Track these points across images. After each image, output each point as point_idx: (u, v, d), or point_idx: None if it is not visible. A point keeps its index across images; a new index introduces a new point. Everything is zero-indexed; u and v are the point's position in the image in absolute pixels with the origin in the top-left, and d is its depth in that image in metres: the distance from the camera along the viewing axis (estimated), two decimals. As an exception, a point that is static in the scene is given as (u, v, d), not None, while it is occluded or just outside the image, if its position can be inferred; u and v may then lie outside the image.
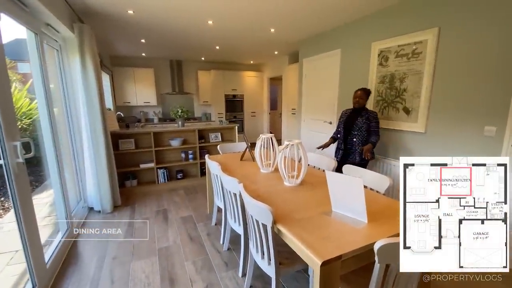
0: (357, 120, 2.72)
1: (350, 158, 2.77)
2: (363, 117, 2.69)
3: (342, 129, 2.83)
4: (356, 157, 2.71)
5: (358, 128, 2.70)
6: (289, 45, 4.84)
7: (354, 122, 2.73)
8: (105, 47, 4.84)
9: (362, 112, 2.72)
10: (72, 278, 1.94)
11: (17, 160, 1.55)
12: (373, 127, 2.66)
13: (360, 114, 2.72)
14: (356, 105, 2.74)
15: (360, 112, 2.73)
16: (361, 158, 2.68)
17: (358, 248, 1.11)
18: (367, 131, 2.67)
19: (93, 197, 3.07)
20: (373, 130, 2.66)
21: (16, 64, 8.19)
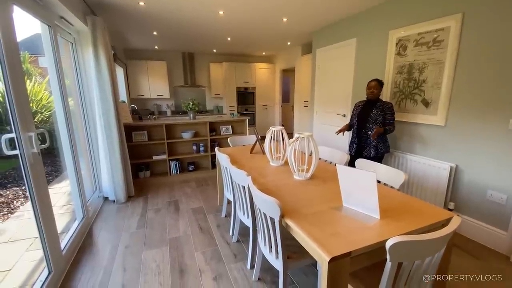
0: (371, 112, 2.60)
1: (365, 152, 2.66)
2: (377, 108, 2.57)
3: (356, 122, 2.72)
4: (371, 151, 2.61)
5: (373, 121, 2.58)
6: (302, 35, 4.71)
7: (369, 114, 2.61)
8: (119, 40, 4.90)
9: (377, 103, 2.60)
10: (87, 266, 2.01)
11: (32, 151, 1.60)
12: (388, 119, 2.55)
13: (374, 106, 2.60)
14: (370, 95, 2.62)
15: (375, 104, 2.61)
16: (376, 152, 2.59)
17: (369, 245, 1.07)
18: (383, 124, 2.56)
19: (108, 187, 3.16)
20: (388, 122, 2.56)
21: (36, 58, 8.46)
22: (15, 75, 1.50)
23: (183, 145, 4.20)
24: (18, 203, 3.32)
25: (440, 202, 2.49)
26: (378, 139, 2.59)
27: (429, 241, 0.97)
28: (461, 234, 2.41)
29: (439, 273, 1.28)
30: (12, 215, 3.03)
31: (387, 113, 2.56)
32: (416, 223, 1.24)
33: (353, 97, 3.62)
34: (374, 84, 2.59)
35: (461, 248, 2.19)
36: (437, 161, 2.53)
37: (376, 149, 2.59)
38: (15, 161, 4.23)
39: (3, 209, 3.13)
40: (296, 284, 1.78)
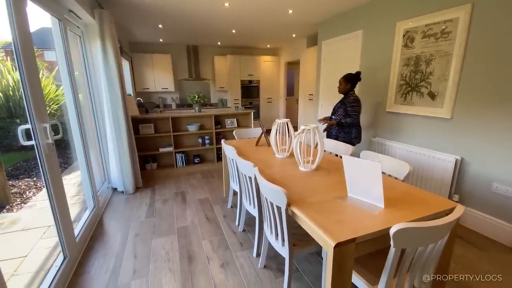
0: (336, 105, 2.95)
1: None
2: (341, 102, 2.87)
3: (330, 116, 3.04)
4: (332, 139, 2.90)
5: (335, 112, 2.93)
6: (307, 27, 4.67)
7: (335, 107, 2.97)
8: (124, 33, 4.92)
9: (344, 98, 2.86)
10: (99, 252, 2.09)
11: (47, 141, 1.66)
12: (349, 111, 2.78)
13: (341, 100, 2.90)
14: (340, 91, 2.90)
15: (343, 98, 2.88)
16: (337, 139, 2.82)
17: (373, 232, 1.10)
18: (344, 115, 2.80)
19: (117, 178, 3.24)
20: (348, 113, 2.78)
21: (43, 52, 8.55)
22: (30, 68, 1.55)
23: (188, 137, 4.26)
24: (30, 194, 3.42)
25: (444, 195, 2.51)
26: (339, 130, 2.89)
27: (433, 228, 1.00)
28: (465, 226, 2.43)
29: (441, 261, 1.31)
30: (25, 205, 3.13)
31: (347, 106, 2.77)
32: (420, 212, 1.27)
33: (360, 90, 3.60)
34: (341, 80, 2.85)
35: (465, 239, 2.22)
36: (442, 154, 2.54)
37: (336, 139, 2.84)
38: (26, 153, 4.35)
39: (17, 199, 3.23)
40: (300, 272, 1.83)
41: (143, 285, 1.74)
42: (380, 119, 3.31)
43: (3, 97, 4.64)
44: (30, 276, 1.86)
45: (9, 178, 3.70)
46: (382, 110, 3.24)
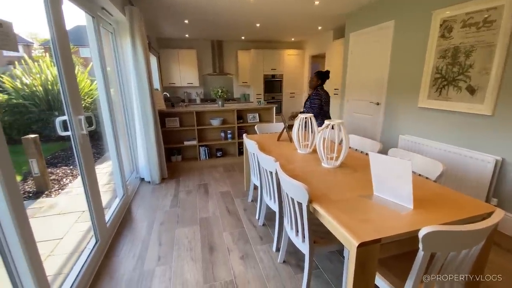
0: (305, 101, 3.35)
1: None
2: (309, 97, 3.26)
3: None
4: None
5: (304, 105, 3.37)
6: (334, 18, 4.50)
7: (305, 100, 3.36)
8: (153, 29, 5.09)
9: (311, 94, 3.26)
10: (127, 238, 2.22)
11: (82, 132, 1.77)
12: (311, 103, 3.18)
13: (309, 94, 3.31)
14: (309, 86, 3.32)
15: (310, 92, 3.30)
16: None
17: (400, 234, 1.05)
18: (311, 108, 3.21)
19: (144, 169, 3.40)
20: (311, 106, 3.19)
21: (78, 49, 9.08)
22: (66, 64, 1.65)
23: (211, 131, 4.33)
24: (67, 181, 3.71)
25: (481, 198, 2.32)
26: None
27: (467, 232, 0.93)
28: (503, 232, 2.24)
29: (475, 268, 1.22)
30: (62, 191, 3.41)
31: (311, 99, 3.20)
32: (453, 215, 1.18)
33: (389, 84, 3.42)
34: (313, 76, 3.24)
35: (503, 247, 2.05)
36: (481, 154, 2.34)
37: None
38: (63, 143, 4.69)
39: (55, 185, 3.52)
40: (320, 269, 1.81)
41: (166, 271, 1.82)
42: (410, 115, 3.12)
43: (43, 91, 5.04)
44: (65, 257, 2.02)
45: (48, 166, 4.04)
46: (413, 106, 3.05)
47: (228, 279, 1.74)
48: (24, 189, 3.31)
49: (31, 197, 3.16)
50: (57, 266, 1.92)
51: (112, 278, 1.76)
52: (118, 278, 1.76)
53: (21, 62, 4.92)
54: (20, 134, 4.17)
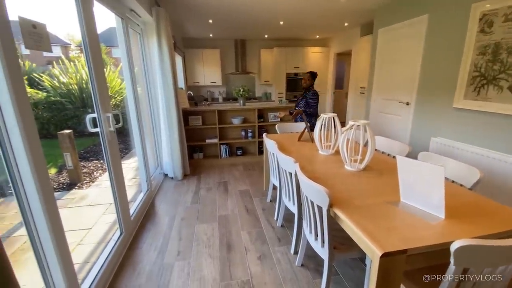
0: (299, 98, 3.44)
1: None
2: (303, 95, 3.36)
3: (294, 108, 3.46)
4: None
5: (296, 104, 3.44)
6: (362, 14, 4.31)
7: (298, 99, 3.46)
8: (178, 29, 5.22)
9: (305, 91, 3.37)
10: (150, 231, 2.30)
11: (109, 129, 1.86)
12: (310, 103, 3.31)
13: (303, 93, 3.39)
14: (304, 85, 3.38)
15: (304, 92, 3.39)
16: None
17: (430, 245, 0.97)
18: (305, 106, 3.31)
19: (168, 165, 3.51)
20: (310, 104, 3.30)
21: (110, 49, 9.55)
22: (96, 64, 1.74)
23: (232, 130, 4.36)
24: (97, 174, 3.94)
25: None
26: (299, 119, 3.36)
27: (506, 248, 0.83)
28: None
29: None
30: (93, 184, 3.62)
31: (308, 98, 3.29)
32: (490, 227, 1.07)
33: (421, 83, 3.21)
34: (307, 76, 3.35)
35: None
36: (526, 160, 2.11)
37: None
38: (95, 139, 4.98)
39: (86, 178, 3.76)
40: (340, 276, 1.74)
41: (185, 266, 1.85)
42: (444, 116, 2.90)
43: (78, 89, 5.38)
44: (93, 246, 2.14)
45: (81, 159, 4.32)
46: (447, 106, 2.83)
47: (244, 278, 1.73)
48: (59, 180, 3.57)
49: (65, 188, 3.40)
50: (85, 255, 2.05)
51: (135, 269, 1.83)
52: (140, 270, 1.83)
53: (59, 62, 5.29)
54: (57, 129, 4.50)
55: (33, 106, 5.11)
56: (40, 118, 5.13)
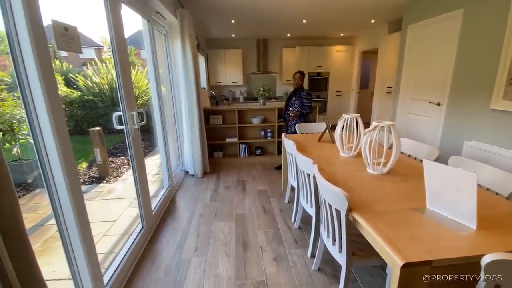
0: (292, 98, 3.34)
1: (290, 130, 3.38)
2: (296, 95, 3.29)
3: (284, 107, 3.41)
4: (292, 129, 3.31)
5: (291, 104, 3.33)
6: (390, 10, 4.11)
7: (290, 100, 3.36)
8: (202, 30, 5.34)
9: (297, 91, 3.30)
10: (170, 226, 2.37)
11: (134, 127, 1.94)
12: (304, 103, 3.26)
13: (296, 93, 3.31)
14: (295, 85, 3.29)
15: (296, 92, 3.31)
16: (295, 130, 3.10)
17: (458, 258, 0.89)
18: (300, 107, 3.26)
19: (189, 162, 3.60)
20: (305, 105, 3.26)
21: (139, 51, 10.00)
22: (123, 65, 1.82)
23: (252, 130, 4.37)
24: (124, 169, 4.15)
25: None
26: (298, 120, 3.30)
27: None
28: None
29: None
30: (119, 178, 3.81)
31: (303, 98, 3.24)
32: (532, 242, 0.96)
33: (454, 82, 3.00)
34: (298, 76, 3.26)
35: None
36: None
37: (295, 128, 3.15)
38: (122, 136, 5.24)
39: (114, 173, 3.97)
40: (359, 283, 1.67)
41: (202, 263, 1.89)
42: (479, 118, 2.68)
43: (108, 89, 5.69)
44: (117, 238, 2.25)
45: (109, 155, 4.57)
46: (484, 107, 2.61)
47: (259, 279, 1.72)
48: (89, 174, 3.81)
49: (94, 182, 3.61)
50: (109, 246, 2.16)
51: (154, 262, 1.89)
52: (159, 263, 1.89)
53: (92, 63, 5.64)
54: (89, 126, 4.80)
55: (68, 104, 5.51)
56: (75, 116, 5.51)
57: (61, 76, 5.80)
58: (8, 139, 2.46)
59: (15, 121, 2.43)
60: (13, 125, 2.42)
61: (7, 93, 2.46)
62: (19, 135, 2.55)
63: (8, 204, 0.69)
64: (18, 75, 0.99)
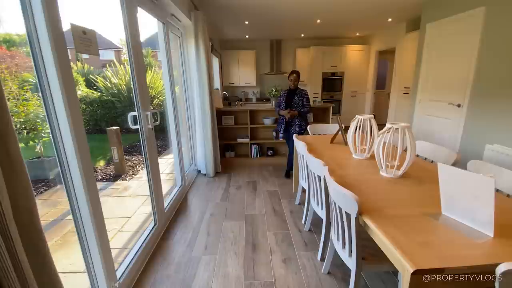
0: (294, 98, 3.30)
1: (292, 129, 3.31)
2: (298, 95, 3.29)
3: (284, 107, 3.34)
4: (296, 128, 3.29)
5: (295, 105, 3.29)
6: (408, 8, 3.99)
7: (292, 100, 3.31)
8: (216, 32, 5.40)
9: (297, 91, 3.31)
10: (181, 224, 2.42)
11: (148, 126, 2.00)
12: (305, 101, 3.28)
13: (295, 93, 3.31)
14: (292, 86, 3.30)
15: (295, 91, 3.32)
16: (300, 128, 3.27)
17: (472, 266, 0.85)
18: (302, 106, 3.28)
19: (201, 162, 3.65)
20: (305, 104, 3.28)
21: (156, 52, 10.25)
22: (138, 66, 1.88)
23: (264, 130, 4.37)
24: (139, 168, 4.27)
25: None
26: (301, 118, 3.31)
27: None
28: None
29: None
30: (135, 176, 3.93)
31: (304, 97, 3.28)
32: (557, 254, 0.90)
33: (475, 83, 2.86)
34: (294, 77, 3.26)
35: None
36: None
37: (300, 127, 3.28)
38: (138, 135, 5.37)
39: (129, 171, 4.09)
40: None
41: (211, 261, 1.91)
42: (503, 120, 2.54)
43: (126, 90, 5.87)
44: (131, 234, 2.32)
45: (126, 153, 4.72)
46: (508, 109, 2.48)
47: (268, 280, 1.72)
48: (107, 171, 3.95)
49: (111, 179, 3.75)
50: (124, 241, 2.23)
51: (165, 259, 1.94)
52: (170, 260, 1.93)
53: (111, 64, 5.86)
54: (108, 125, 4.99)
55: (89, 104, 5.75)
56: (94, 115, 5.75)
57: (82, 77, 6.07)
58: (32, 137, 2.61)
59: (39, 120, 2.58)
60: (37, 124, 2.57)
61: (32, 93, 2.62)
62: (42, 133, 2.70)
63: (23, 197, 0.73)
64: (39, 77, 1.05)
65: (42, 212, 2.58)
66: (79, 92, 5.78)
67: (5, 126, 0.69)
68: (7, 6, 2.91)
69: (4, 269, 0.65)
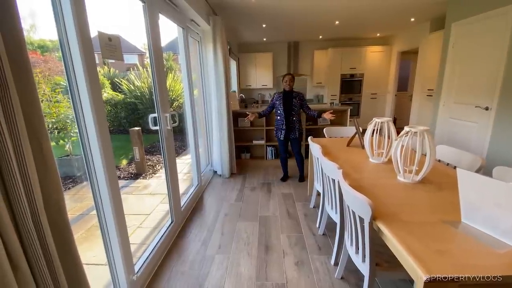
0: (293, 102, 3.17)
1: (292, 135, 3.23)
2: (296, 98, 3.17)
3: (283, 111, 3.18)
4: (296, 133, 3.22)
5: (296, 108, 3.19)
6: (432, 7, 3.84)
7: (292, 103, 3.17)
8: (234, 35, 5.50)
9: (293, 94, 3.17)
10: (196, 223, 2.48)
11: (167, 127, 2.08)
12: (305, 104, 3.21)
13: (292, 96, 3.16)
14: (288, 88, 3.17)
15: (292, 94, 3.17)
16: (299, 133, 3.23)
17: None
18: (307, 109, 3.21)
19: (217, 163, 3.73)
20: (306, 106, 3.21)
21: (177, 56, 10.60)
22: (159, 70, 1.97)
23: (281, 132, 4.37)
24: (158, 167, 4.43)
25: None
26: (300, 123, 3.25)
27: None
28: None
29: None
30: (154, 175, 4.08)
31: (303, 100, 3.21)
32: None
33: (505, 85, 2.70)
34: (290, 78, 3.15)
35: None
36: None
37: (299, 131, 3.23)
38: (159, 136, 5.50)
39: (150, 170, 4.26)
40: (385, 296, 1.59)
41: (224, 260, 1.95)
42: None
43: (148, 92, 6.11)
44: (149, 230, 2.42)
45: (146, 153, 4.91)
46: (543, 113, 2.31)
47: (280, 282, 1.72)
48: (129, 170, 4.13)
49: (132, 177, 3.92)
50: (142, 237, 2.33)
51: (180, 256, 2.00)
52: (185, 257, 1.99)
53: (134, 68, 6.14)
54: (131, 126, 5.22)
55: (113, 106, 6.06)
56: (119, 117, 6.04)
57: (108, 80, 6.40)
58: (62, 136, 2.81)
59: (68, 120, 2.77)
60: (67, 124, 2.76)
61: (63, 96, 2.82)
62: (71, 133, 2.89)
63: (54, 192, 0.80)
64: (69, 80, 1.14)
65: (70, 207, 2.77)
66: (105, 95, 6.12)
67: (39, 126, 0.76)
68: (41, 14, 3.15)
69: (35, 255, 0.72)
